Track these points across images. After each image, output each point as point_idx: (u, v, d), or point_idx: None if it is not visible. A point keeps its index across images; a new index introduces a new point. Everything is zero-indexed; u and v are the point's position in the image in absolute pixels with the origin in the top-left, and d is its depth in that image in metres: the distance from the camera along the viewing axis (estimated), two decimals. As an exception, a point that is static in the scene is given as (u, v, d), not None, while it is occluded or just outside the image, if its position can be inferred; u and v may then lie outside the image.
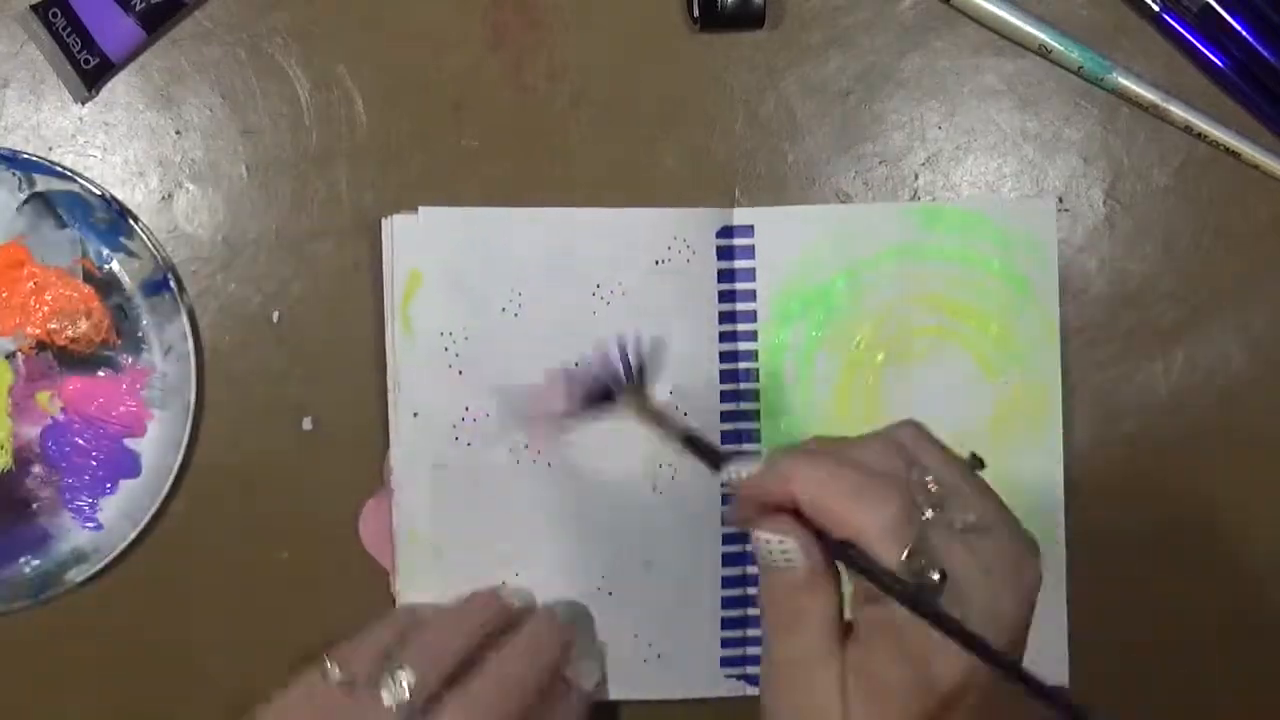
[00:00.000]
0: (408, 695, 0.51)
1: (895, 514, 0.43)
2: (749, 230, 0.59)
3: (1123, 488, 0.60)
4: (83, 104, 0.58)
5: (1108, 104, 0.60)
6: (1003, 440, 0.59)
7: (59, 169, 0.56)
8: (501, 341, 0.57)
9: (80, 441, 0.57)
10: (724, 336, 0.58)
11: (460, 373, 0.57)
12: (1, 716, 0.58)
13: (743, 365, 0.59)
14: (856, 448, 0.46)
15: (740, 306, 0.59)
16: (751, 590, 0.59)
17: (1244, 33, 0.59)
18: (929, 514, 0.44)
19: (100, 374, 0.57)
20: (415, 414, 0.57)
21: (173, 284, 0.57)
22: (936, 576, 0.43)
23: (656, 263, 0.58)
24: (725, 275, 0.58)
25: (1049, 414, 0.59)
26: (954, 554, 0.43)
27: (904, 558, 0.43)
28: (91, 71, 0.57)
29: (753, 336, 0.59)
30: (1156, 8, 0.59)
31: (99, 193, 0.57)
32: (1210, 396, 0.60)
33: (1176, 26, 0.59)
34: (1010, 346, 0.59)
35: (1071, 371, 0.60)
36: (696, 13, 0.58)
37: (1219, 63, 0.59)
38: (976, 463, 0.48)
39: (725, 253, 0.58)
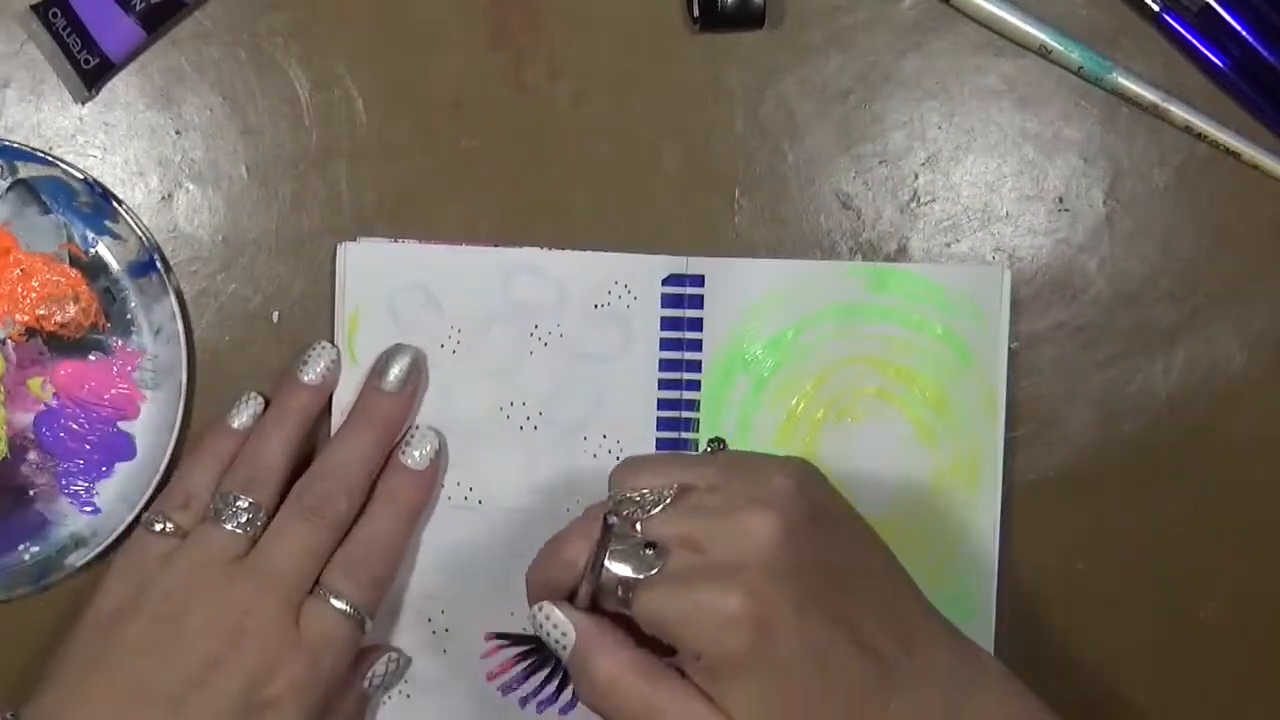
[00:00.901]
0: (247, 517, 0.53)
1: (579, 529, 0.49)
2: (699, 280, 0.58)
3: (1122, 488, 0.60)
4: (83, 104, 0.58)
5: (1108, 104, 0.60)
6: (938, 509, 0.58)
7: (39, 154, 0.56)
8: (440, 378, 0.57)
9: (74, 426, 0.57)
10: (667, 384, 0.58)
11: None
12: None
13: (685, 414, 0.58)
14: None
15: (687, 355, 0.58)
16: None
17: (1244, 33, 0.59)
18: (630, 513, 0.48)
19: (91, 358, 0.58)
20: None
21: (159, 264, 0.57)
22: (651, 551, 0.46)
23: (595, 306, 0.58)
24: (671, 323, 0.58)
25: (987, 487, 0.58)
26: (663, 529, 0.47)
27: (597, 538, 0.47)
28: (91, 71, 0.57)
29: (696, 386, 0.58)
30: (1156, 8, 0.59)
31: (81, 177, 0.57)
32: (1210, 396, 0.60)
33: (1176, 26, 0.59)
34: (949, 415, 0.58)
35: (1071, 371, 0.60)
36: (696, 13, 0.58)
37: (1219, 63, 0.59)
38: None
39: (673, 300, 0.58)
